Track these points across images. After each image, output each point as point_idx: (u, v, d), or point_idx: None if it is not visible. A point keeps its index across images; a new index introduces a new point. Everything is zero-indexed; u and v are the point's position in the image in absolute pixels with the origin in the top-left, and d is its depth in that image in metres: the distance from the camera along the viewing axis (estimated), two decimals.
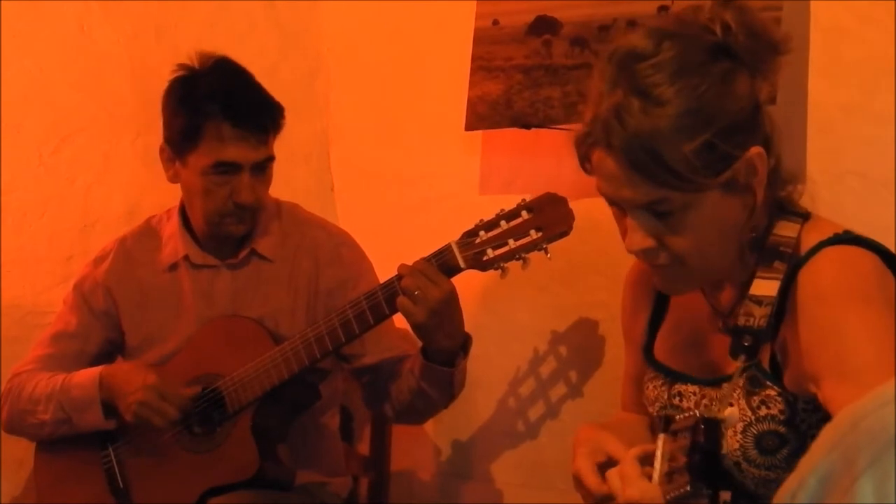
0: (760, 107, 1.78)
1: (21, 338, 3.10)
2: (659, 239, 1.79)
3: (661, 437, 1.62)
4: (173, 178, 2.78)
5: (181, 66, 2.74)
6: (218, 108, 2.65)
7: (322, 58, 3.55)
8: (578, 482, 1.85)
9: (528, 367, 3.11)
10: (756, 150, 1.75)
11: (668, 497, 1.56)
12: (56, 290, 3.15)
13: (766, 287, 1.82)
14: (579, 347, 3.03)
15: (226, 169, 2.67)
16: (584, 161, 1.82)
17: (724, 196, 1.76)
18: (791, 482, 1.09)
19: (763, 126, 1.79)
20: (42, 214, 3.24)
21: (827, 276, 1.78)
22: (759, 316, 1.80)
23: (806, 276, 1.80)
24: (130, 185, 3.27)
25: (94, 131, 3.28)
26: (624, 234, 1.84)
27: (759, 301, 1.81)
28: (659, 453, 1.61)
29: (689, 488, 1.51)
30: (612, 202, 1.83)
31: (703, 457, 1.50)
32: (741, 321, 1.81)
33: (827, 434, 1.08)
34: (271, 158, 2.73)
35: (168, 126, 2.74)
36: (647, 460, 1.66)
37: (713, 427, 1.51)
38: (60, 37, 3.24)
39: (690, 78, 1.72)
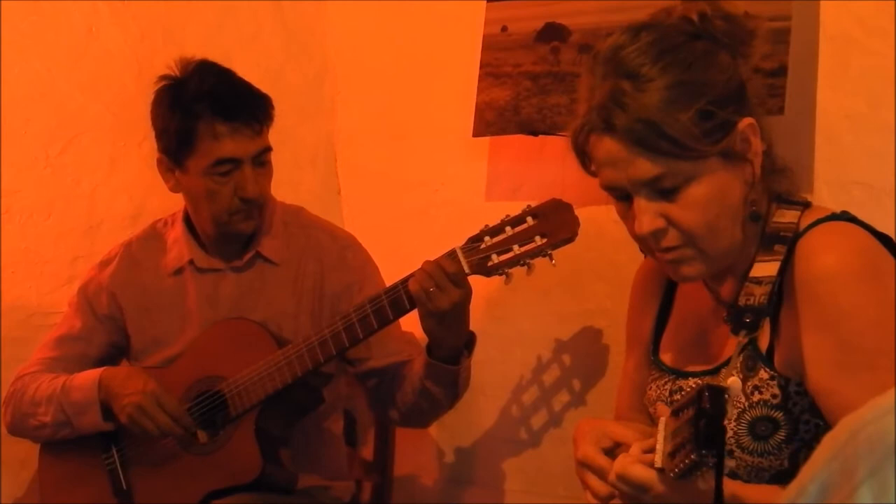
0: (745, 86, 1.84)
1: (25, 339, 3.10)
2: (667, 218, 1.81)
3: (663, 419, 1.64)
4: (175, 188, 2.79)
5: (164, 77, 2.76)
6: (207, 106, 2.66)
7: (329, 61, 3.56)
8: (585, 467, 1.83)
9: (531, 375, 3.10)
10: (748, 120, 1.81)
11: (674, 472, 1.57)
12: (61, 291, 3.15)
13: (765, 269, 1.84)
14: (583, 355, 3.03)
15: (227, 166, 2.68)
16: (583, 156, 1.89)
17: (724, 167, 1.81)
18: (791, 489, 1.10)
19: (751, 104, 1.85)
20: (48, 215, 3.24)
21: (824, 253, 1.79)
22: (759, 294, 1.82)
23: (802, 252, 1.82)
24: (136, 186, 3.27)
25: (100, 133, 3.28)
26: (631, 226, 1.85)
27: (758, 281, 1.84)
28: (661, 436, 1.63)
29: (694, 457, 1.51)
30: (617, 189, 1.85)
31: (707, 422, 1.50)
32: (741, 301, 1.84)
33: (827, 443, 1.09)
34: (268, 149, 2.74)
35: (162, 136, 2.76)
36: (650, 450, 1.68)
37: (717, 393, 1.52)
38: (68, 38, 3.24)
39: (674, 55, 1.79)
